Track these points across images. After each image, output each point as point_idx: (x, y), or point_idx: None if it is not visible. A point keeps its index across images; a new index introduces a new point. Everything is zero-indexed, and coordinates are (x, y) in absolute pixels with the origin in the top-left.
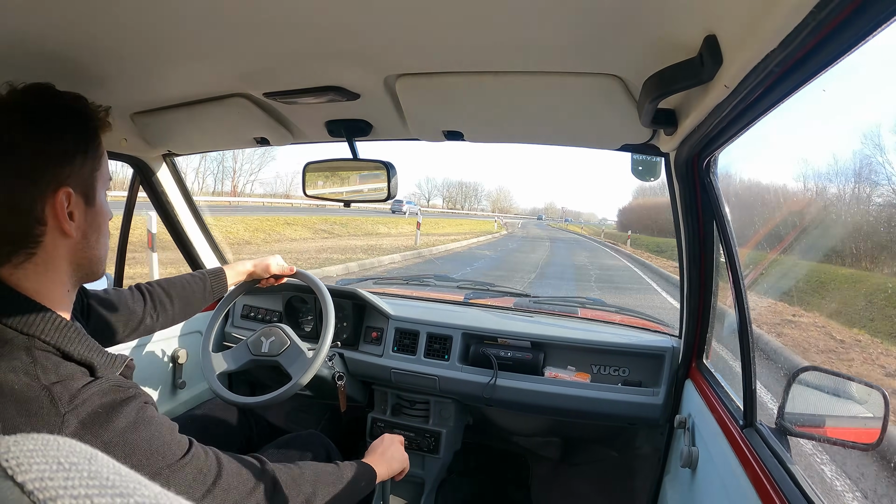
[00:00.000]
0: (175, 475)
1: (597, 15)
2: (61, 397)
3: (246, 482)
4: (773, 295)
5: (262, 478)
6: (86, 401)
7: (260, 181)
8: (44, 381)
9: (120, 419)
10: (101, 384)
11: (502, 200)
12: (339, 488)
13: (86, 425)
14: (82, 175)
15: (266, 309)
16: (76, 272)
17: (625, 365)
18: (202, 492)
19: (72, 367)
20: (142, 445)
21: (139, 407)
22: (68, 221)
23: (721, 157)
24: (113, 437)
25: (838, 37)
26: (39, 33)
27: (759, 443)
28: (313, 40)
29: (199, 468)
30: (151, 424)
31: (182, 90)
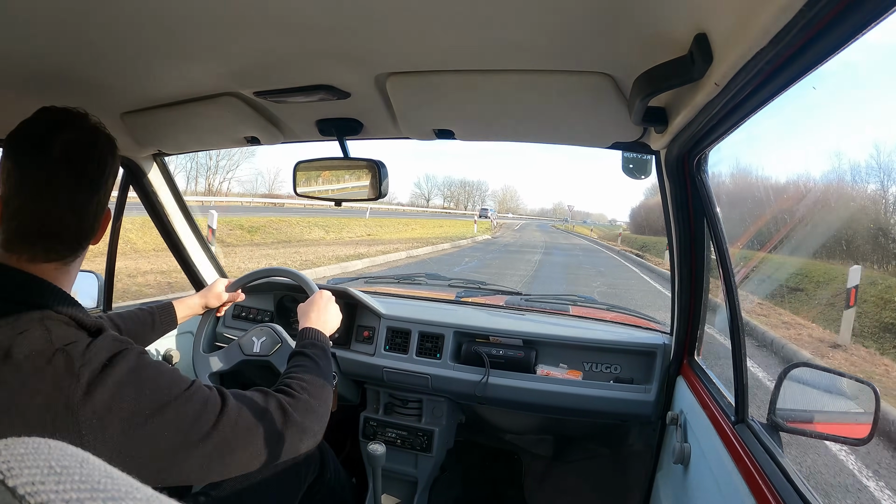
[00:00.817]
0: (185, 404)
1: (587, 13)
2: (74, 354)
3: (253, 410)
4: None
5: (267, 404)
6: (95, 354)
7: (237, 179)
8: (57, 345)
9: (125, 363)
10: (103, 339)
11: (508, 200)
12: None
13: (97, 374)
14: (109, 194)
15: (257, 309)
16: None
17: (616, 362)
18: (212, 422)
19: (81, 332)
20: (149, 381)
21: (138, 353)
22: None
23: (711, 155)
24: (122, 377)
25: (828, 35)
26: (27, 35)
27: (750, 438)
28: (304, 39)
29: (205, 398)
30: (153, 365)
31: (172, 89)
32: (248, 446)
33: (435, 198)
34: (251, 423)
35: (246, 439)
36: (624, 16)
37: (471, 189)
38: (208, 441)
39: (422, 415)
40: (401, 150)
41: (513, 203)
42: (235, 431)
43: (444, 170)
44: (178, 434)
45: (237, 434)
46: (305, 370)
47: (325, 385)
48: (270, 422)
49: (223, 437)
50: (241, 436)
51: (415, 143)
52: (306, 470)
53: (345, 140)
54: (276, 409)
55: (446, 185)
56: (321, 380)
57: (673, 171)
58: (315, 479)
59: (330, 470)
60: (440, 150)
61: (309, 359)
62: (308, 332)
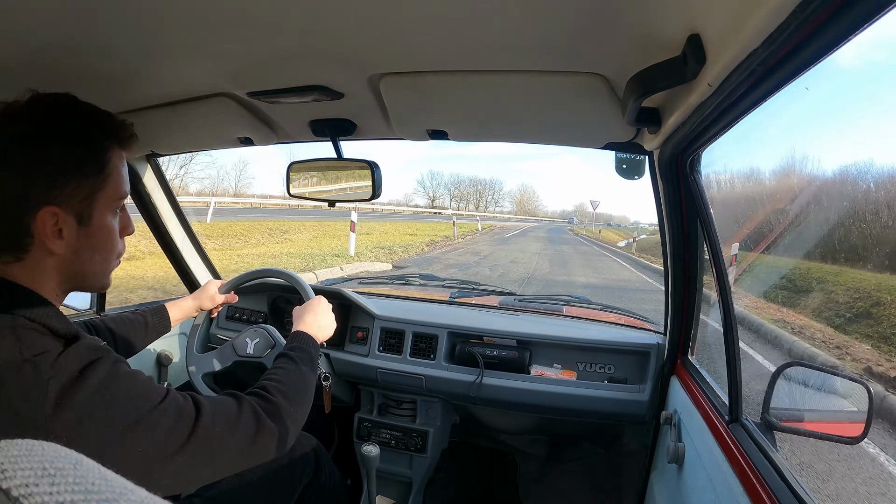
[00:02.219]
0: (159, 418)
1: (580, 14)
2: (42, 365)
3: (227, 417)
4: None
5: (241, 410)
6: (65, 365)
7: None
8: (26, 356)
9: (97, 374)
10: (76, 348)
11: (527, 202)
12: (304, 382)
13: (67, 385)
14: (78, 195)
15: (251, 310)
16: (66, 283)
17: (611, 362)
18: (187, 433)
19: (54, 341)
20: (122, 394)
21: (112, 363)
22: (53, 240)
23: (704, 155)
24: (93, 391)
25: (821, 36)
26: (20, 33)
27: (744, 437)
28: (297, 40)
29: (179, 410)
30: (127, 376)
31: (165, 90)
32: (223, 454)
33: (442, 198)
34: (225, 430)
35: (221, 447)
36: (617, 16)
37: (482, 188)
38: (184, 452)
39: (416, 415)
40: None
41: (531, 204)
42: (210, 441)
43: (452, 166)
44: (152, 447)
45: (212, 443)
46: (286, 373)
47: (303, 390)
48: (244, 428)
49: (199, 448)
50: (215, 445)
51: (427, 145)
52: (301, 471)
53: (338, 141)
54: (250, 415)
55: (454, 183)
56: (300, 384)
57: (666, 172)
58: (310, 480)
59: (324, 471)
60: (457, 153)
61: (292, 362)
62: (298, 336)
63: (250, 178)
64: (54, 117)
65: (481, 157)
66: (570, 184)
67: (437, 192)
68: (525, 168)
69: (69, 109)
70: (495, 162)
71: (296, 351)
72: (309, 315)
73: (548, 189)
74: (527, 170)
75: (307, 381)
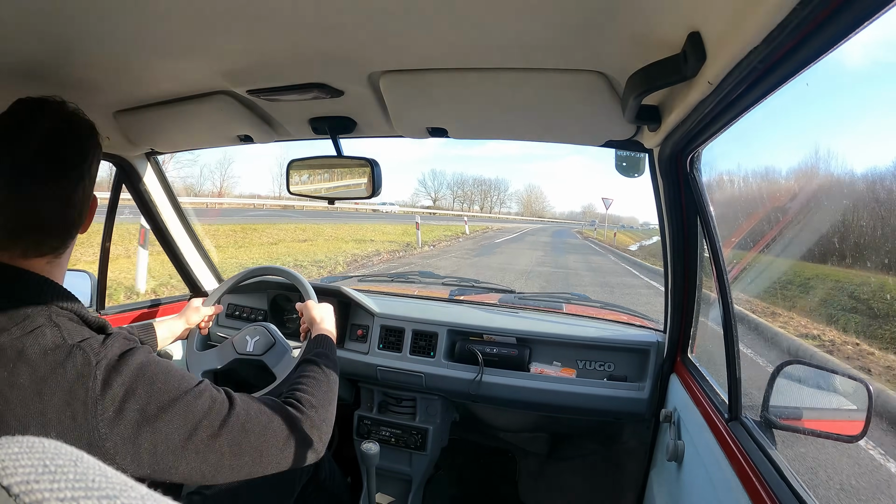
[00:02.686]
0: (194, 401)
1: (581, 12)
2: (91, 350)
3: (259, 416)
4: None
5: (275, 412)
6: (109, 350)
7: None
8: (70, 342)
9: (137, 358)
10: (115, 337)
11: (534, 202)
12: (332, 390)
13: (112, 369)
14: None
15: (251, 308)
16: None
17: (610, 360)
18: (220, 421)
19: (88, 330)
20: (161, 375)
21: (147, 350)
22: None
23: (704, 153)
24: (135, 373)
25: (821, 34)
26: (19, 33)
27: (744, 436)
28: (297, 37)
29: (213, 397)
30: (162, 362)
31: (165, 87)
32: (255, 451)
33: (443, 198)
34: (259, 428)
35: (253, 443)
36: (617, 14)
37: (488, 188)
38: (218, 440)
39: (416, 413)
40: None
41: (538, 205)
42: (244, 434)
43: (455, 165)
44: (187, 429)
45: (245, 437)
46: (316, 384)
47: (331, 398)
48: (278, 430)
49: (232, 438)
50: (249, 439)
51: (433, 146)
52: (300, 470)
53: (338, 138)
54: (285, 420)
55: (457, 182)
56: (329, 393)
57: (666, 170)
58: (310, 478)
59: (324, 469)
60: (464, 154)
61: (321, 370)
62: (321, 340)
63: (235, 178)
64: (70, 113)
65: (488, 157)
66: (579, 184)
67: (439, 192)
68: (532, 169)
69: (79, 113)
70: (503, 163)
71: (322, 358)
72: (327, 319)
73: (556, 190)
74: (534, 171)
75: (334, 389)
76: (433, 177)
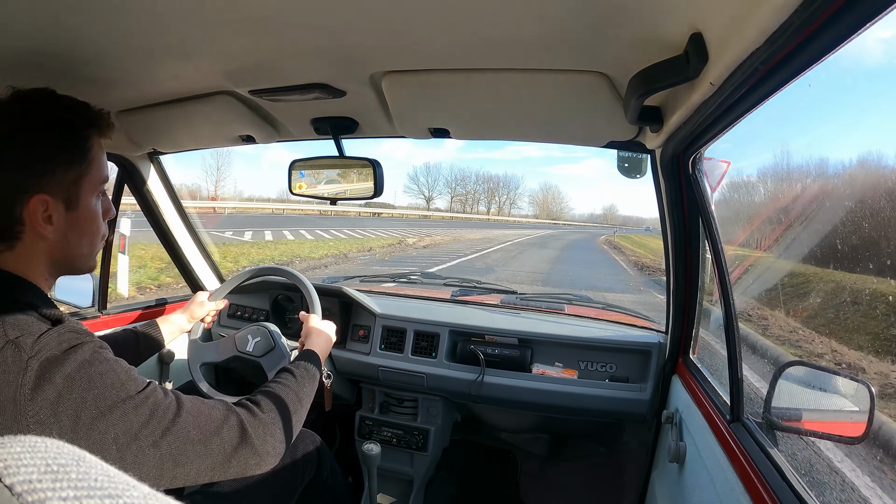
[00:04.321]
0: (135, 409)
1: (583, 12)
2: (24, 346)
3: (209, 426)
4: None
5: (226, 421)
6: (46, 345)
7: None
8: (9, 336)
9: (76, 356)
10: (59, 329)
11: (551, 203)
12: (300, 402)
13: (46, 366)
14: (65, 181)
15: (253, 308)
16: (55, 266)
17: (612, 361)
18: (161, 430)
19: (38, 322)
20: (100, 378)
21: (94, 348)
22: (43, 225)
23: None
24: (71, 372)
25: (823, 35)
26: (23, 32)
27: (745, 437)
28: (298, 38)
29: (156, 404)
30: (107, 362)
31: (168, 88)
32: (199, 459)
33: (438, 198)
34: (204, 437)
35: (196, 452)
36: (619, 15)
37: (495, 186)
38: (159, 450)
39: (417, 414)
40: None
41: (556, 206)
42: (186, 443)
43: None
44: (125, 439)
45: (188, 446)
46: (285, 389)
47: (297, 410)
48: (225, 440)
49: (174, 447)
50: (191, 448)
51: (451, 149)
52: (303, 469)
53: (340, 139)
54: (235, 427)
55: (458, 179)
56: (295, 404)
57: (668, 171)
58: (312, 478)
59: (326, 469)
60: (484, 157)
61: (294, 379)
62: (307, 355)
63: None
64: (38, 110)
65: (509, 160)
66: (600, 187)
67: (434, 190)
68: (552, 171)
69: (51, 102)
70: (523, 165)
71: (300, 368)
72: (322, 339)
73: (576, 192)
74: (554, 173)
75: (303, 400)
76: (426, 172)
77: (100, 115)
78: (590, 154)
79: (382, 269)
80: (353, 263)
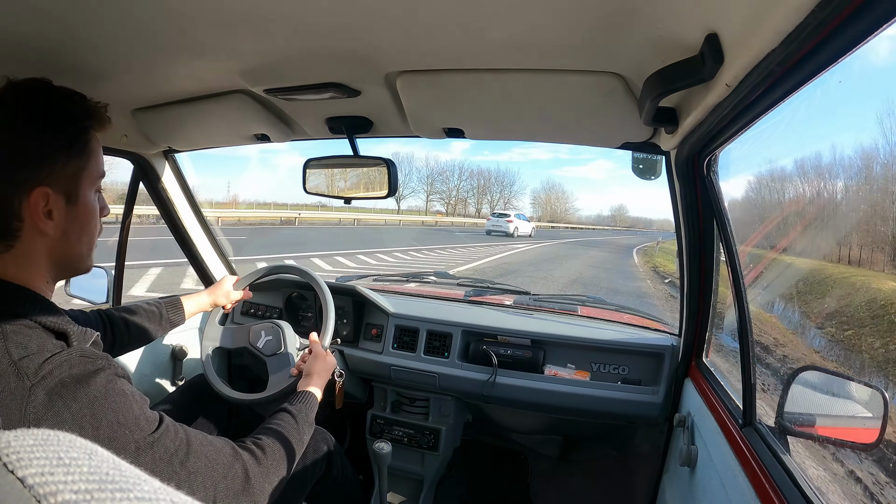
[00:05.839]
0: (142, 453)
1: (598, 13)
2: (27, 370)
3: (214, 469)
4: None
5: (233, 464)
6: (52, 371)
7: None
8: (13, 357)
9: (89, 389)
10: (68, 354)
11: (554, 203)
12: (299, 445)
13: (53, 396)
14: (65, 174)
15: (266, 306)
16: (55, 267)
17: (624, 363)
18: (168, 474)
19: (43, 339)
20: (109, 417)
21: (109, 378)
22: (44, 220)
23: (721, 156)
24: (82, 408)
25: (839, 36)
26: (40, 30)
27: (758, 442)
28: (314, 37)
29: (165, 449)
30: (121, 396)
31: (183, 86)
32: (202, 492)
33: (413, 196)
34: (209, 482)
35: (199, 496)
36: (635, 16)
37: (485, 182)
38: (170, 482)
39: (429, 413)
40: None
41: (560, 206)
42: (192, 488)
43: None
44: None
45: (193, 489)
46: (287, 436)
47: (295, 457)
48: (229, 486)
49: (182, 479)
50: (195, 492)
51: (459, 150)
52: (314, 466)
53: (355, 138)
54: (240, 474)
55: (434, 174)
56: (297, 452)
57: (683, 172)
58: (322, 475)
59: (337, 466)
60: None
61: (296, 425)
62: (307, 398)
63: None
64: (38, 100)
65: (516, 162)
66: (607, 188)
67: (405, 186)
68: (560, 174)
69: (48, 93)
70: (531, 168)
71: (301, 413)
72: (321, 375)
73: (583, 193)
74: (561, 175)
75: (302, 444)
76: (400, 164)
77: (97, 108)
78: (596, 155)
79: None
80: None
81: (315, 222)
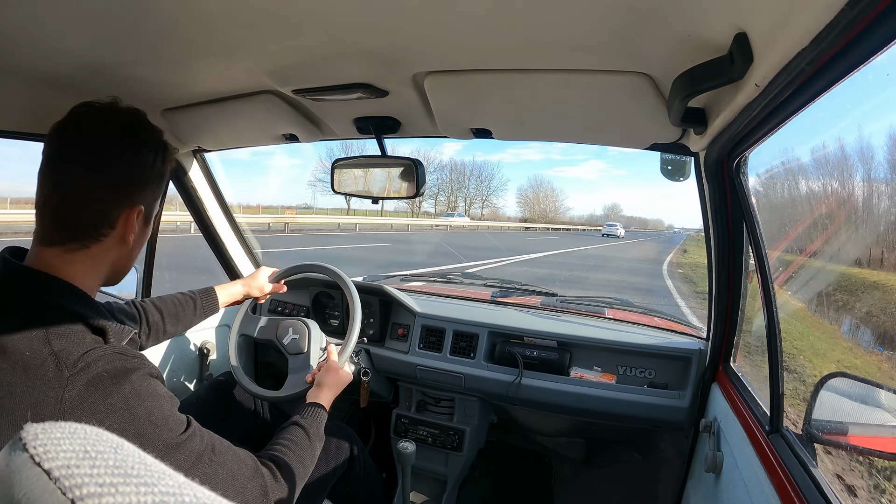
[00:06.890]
0: (168, 454)
1: (626, 13)
2: (66, 361)
3: (234, 480)
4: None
5: (251, 480)
6: (90, 364)
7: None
8: (53, 347)
9: (124, 386)
10: (106, 350)
11: (543, 201)
12: (312, 459)
13: (90, 388)
14: (153, 197)
15: (293, 304)
16: (111, 272)
17: (651, 367)
18: (190, 476)
19: (82, 333)
20: (141, 415)
21: (143, 377)
22: (130, 233)
23: (751, 157)
24: (116, 402)
25: (871, 34)
26: (72, 32)
27: (784, 449)
28: (341, 38)
29: (191, 450)
30: (153, 396)
31: (212, 87)
32: (222, 493)
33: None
34: (233, 487)
35: (221, 490)
36: (662, 15)
37: (460, 176)
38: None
39: (454, 414)
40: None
41: (550, 204)
42: (216, 482)
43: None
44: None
45: (217, 484)
46: (300, 450)
47: (308, 467)
48: (249, 494)
49: (204, 478)
50: (219, 485)
51: (452, 150)
52: (335, 464)
53: (383, 138)
54: (258, 489)
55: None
56: (308, 462)
57: (712, 174)
58: (344, 472)
59: (359, 464)
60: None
61: (309, 441)
62: (317, 413)
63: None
64: (142, 127)
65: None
66: (599, 187)
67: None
68: (553, 174)
69: (146, 121)
70: (524, 168)
71: (313, 428)
72: (332, 390)
73: (574, 192)
74: (554, 176)
75: (314, 459)
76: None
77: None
78: (589, 155)
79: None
80: None
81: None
